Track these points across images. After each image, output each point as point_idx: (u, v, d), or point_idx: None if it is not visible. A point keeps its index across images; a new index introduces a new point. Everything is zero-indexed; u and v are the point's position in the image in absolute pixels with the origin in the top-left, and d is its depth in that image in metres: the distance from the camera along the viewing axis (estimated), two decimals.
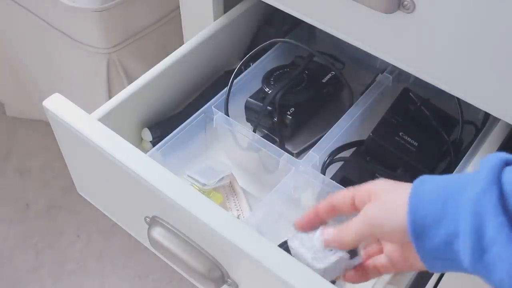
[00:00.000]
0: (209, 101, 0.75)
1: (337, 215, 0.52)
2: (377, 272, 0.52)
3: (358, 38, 0.63)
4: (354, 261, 0.52)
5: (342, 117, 0.74)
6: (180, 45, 0.78)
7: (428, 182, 0.45)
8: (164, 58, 0.76)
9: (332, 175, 0.71)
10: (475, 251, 0.40)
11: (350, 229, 0.49)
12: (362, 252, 0.53)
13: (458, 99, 0.72)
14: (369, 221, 0.47)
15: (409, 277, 0.56)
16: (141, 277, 1.38)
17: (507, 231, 0.39)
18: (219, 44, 0.82)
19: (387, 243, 0.51)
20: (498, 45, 0.52)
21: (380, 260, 0.51)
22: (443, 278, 0.83)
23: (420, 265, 0.46)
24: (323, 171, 0.70)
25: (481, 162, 0.42)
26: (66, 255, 1.41)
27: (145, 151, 0.73)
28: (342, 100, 0.82)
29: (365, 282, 0.53)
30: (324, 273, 0.50)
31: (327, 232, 0.51)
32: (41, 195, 1.50)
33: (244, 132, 0.74)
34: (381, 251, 0.52)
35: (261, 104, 0.75)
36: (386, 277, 0.55)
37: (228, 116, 0.74)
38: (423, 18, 0.55)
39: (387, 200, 0.47)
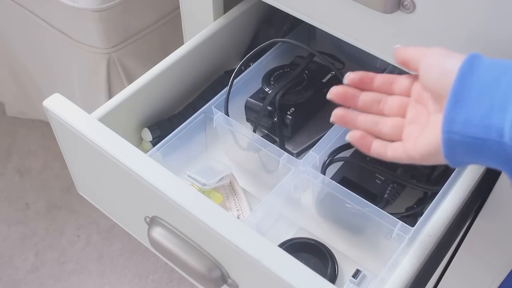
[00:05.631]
0: (209, 101, 0.75)
1: (384, 93, 0.53)
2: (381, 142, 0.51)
3: (358, 38, 0.63)
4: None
5: None
6: (180, 45, 0.78)
7: (489, 58, 0.42)
8: (164, 58, 0.76)
9: (332, 175, 0.71)
10: None
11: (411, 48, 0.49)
12: None
13: None
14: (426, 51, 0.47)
15: (409, 277, 0.56)
16: (141, 277, 1.38)
17: None
18: (219, 44, 0.82)
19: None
20: (497, 45, 0.52)
21: (386, 124, 0.51)
22: (442, 279, 0.83)
23: (431, 139, 0.44)
24: (323, 171, 0.70)
25: None
26: (66, 255, 1.41)
27: (145, 151, 0.73)
28: None
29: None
30: None
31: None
32: (41, 195, 1.50)
33: (244, 132, 0.73)
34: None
35: (261, 104, 0.75)
36: (384, 276, 0.55)
37: (228, 116, 0.74)
38: (423, 18, 0.55)
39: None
